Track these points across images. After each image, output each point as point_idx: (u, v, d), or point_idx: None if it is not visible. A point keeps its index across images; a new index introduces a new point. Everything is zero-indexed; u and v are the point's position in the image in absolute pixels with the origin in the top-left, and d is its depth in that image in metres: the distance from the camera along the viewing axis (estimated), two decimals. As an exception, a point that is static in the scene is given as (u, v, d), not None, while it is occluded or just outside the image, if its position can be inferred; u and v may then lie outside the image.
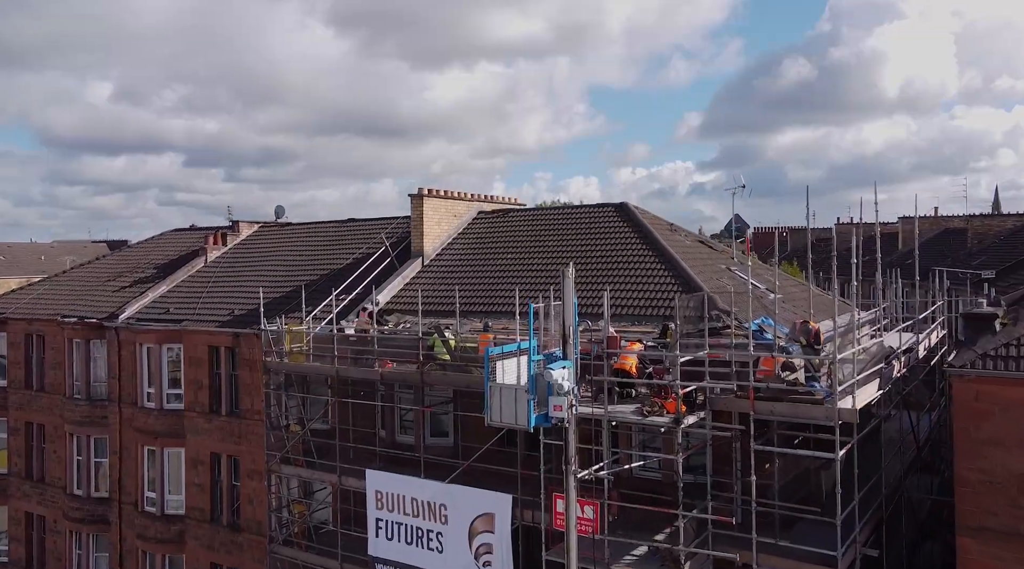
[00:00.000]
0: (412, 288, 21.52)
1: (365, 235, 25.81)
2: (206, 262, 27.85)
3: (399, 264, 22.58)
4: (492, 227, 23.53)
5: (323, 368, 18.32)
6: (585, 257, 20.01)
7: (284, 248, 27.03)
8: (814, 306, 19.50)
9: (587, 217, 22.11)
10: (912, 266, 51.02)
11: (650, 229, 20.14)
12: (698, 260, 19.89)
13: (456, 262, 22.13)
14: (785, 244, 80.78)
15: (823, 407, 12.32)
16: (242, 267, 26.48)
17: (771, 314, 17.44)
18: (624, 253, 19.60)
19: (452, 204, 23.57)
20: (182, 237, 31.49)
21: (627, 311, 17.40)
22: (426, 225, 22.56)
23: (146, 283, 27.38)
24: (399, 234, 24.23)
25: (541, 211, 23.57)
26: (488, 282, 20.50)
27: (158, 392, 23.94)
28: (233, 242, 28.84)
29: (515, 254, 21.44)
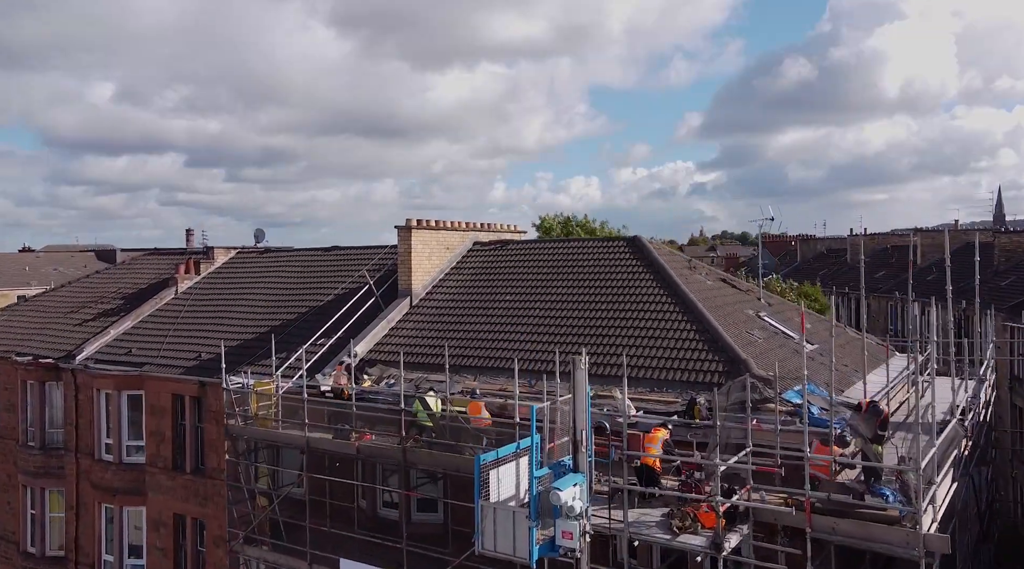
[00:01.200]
0: (398, 333, 19.10)
1: (349, 266, 23.39)
2: (176, 293, 25.43)
3: (384, 304, 20.16)
4: (489, 261, 21.10)
5: (292, 437, 15.87)
6: (594, 302, 17.58)
7: (260, 280, 24.59)
8: (842, 348, 17.09)
9: (595, 252, 19.68)
10: (933, 284, 48.59)
11: (668, 270, 17.69)
12: (723, 306, 17.46)
13: (448, 303, 19.70)
14: (795, 254, 78.29)
15: (902, 531, 9.83)
16: (213, 301, 24.04)
17: (810, 373, 15.04)
18: (639, 299, 17.16)
19: (444, 235, 21.14)
20: (155, 262, 29.08)
21: (644, 372, 14.96)
22: (415, 260, 20.13)
23: (110, 316, 24.97)
24: (387, 267, 21.81)
25: (543, 244, 21.18)
26: (484, 330, 18.05)
27: (117, 443, 21.51)
28: (207, 270, 26.40)
29: (514, 295, 19.00)
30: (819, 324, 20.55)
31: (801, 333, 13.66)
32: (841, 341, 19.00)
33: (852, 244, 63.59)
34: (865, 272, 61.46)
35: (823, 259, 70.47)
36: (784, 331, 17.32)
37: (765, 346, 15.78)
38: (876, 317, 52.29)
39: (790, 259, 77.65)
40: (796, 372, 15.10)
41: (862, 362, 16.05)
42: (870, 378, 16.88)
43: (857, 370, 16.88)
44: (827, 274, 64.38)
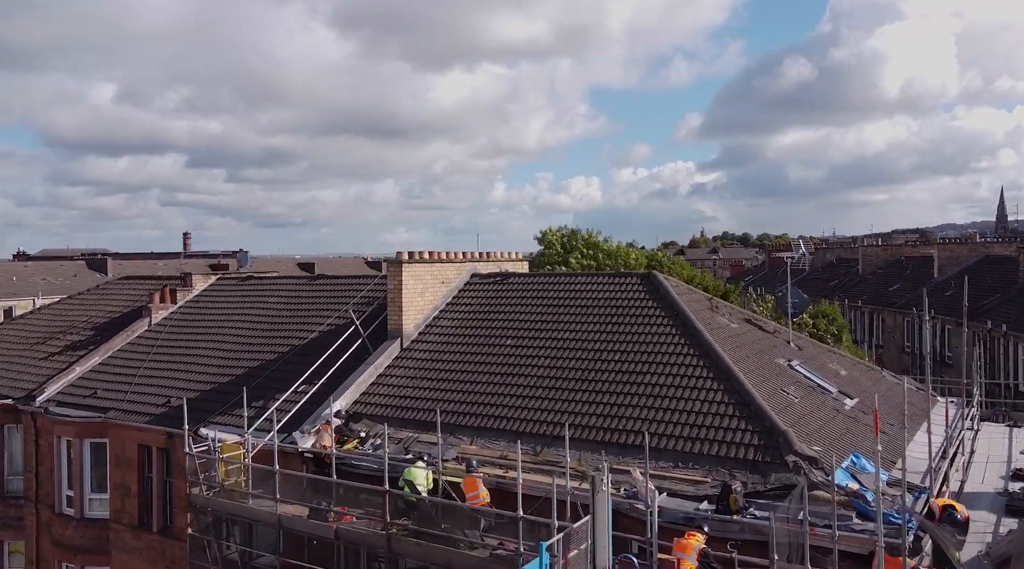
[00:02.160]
0: (387, 381, 17.16)
1: (335, 298, 21.47)
2: (150, 324, 23.47)
3: (372, 346, 18.22)
4: (488, 296, 19.14)
5: (259, 513, 13.91)
6: (605, 351, 15.63)
7: (239, 312, 22.64)
8: (884, 399, 15.14)
9: (605, 289, 17.73)
10: (952, 300, 46.48)
11: (688, 314, 15.73)
12: (751, 356, 15.51)
13: (442, 346, 17.74)
14: (803, 264, 76.29)
15: None
16: (187, 336, 22.08)
17: (857, 439, 13.13)
18: (657, 348, 15.20)
19: (439, 268, 19.20)
20: (131, 288, 27.13)
21: (666, 442, 13.00)
22: (406, 298, 18.18)
23: (77, 350, 23.03)
24: (377, 301, 19.87)
25: (547, 278, 19.22)
26: (481, 380, 16.09)
27: (79, 496, 19.59)
28: (184, 299, 24.45)
29: (516, 338, 17.04)
30: (856, 370, 18.54)
31: (849, 395, 11.71)
32: (881, 389, 17.05)
33: (864, 255, 61.62)
34: (878, 284, 59.26)
35: (833, 269, 68.46)
36: (821, 384, 15.37)
37: (803, 407, 13.83)
38: (891, 333, 50.31)
39: (799, 272, 75.69)
40: (840, 439, 13.17)
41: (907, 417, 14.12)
42: (919, 438, 14.95)
43: (905, 429, 14.94)
44: (838, 285, 62.33)
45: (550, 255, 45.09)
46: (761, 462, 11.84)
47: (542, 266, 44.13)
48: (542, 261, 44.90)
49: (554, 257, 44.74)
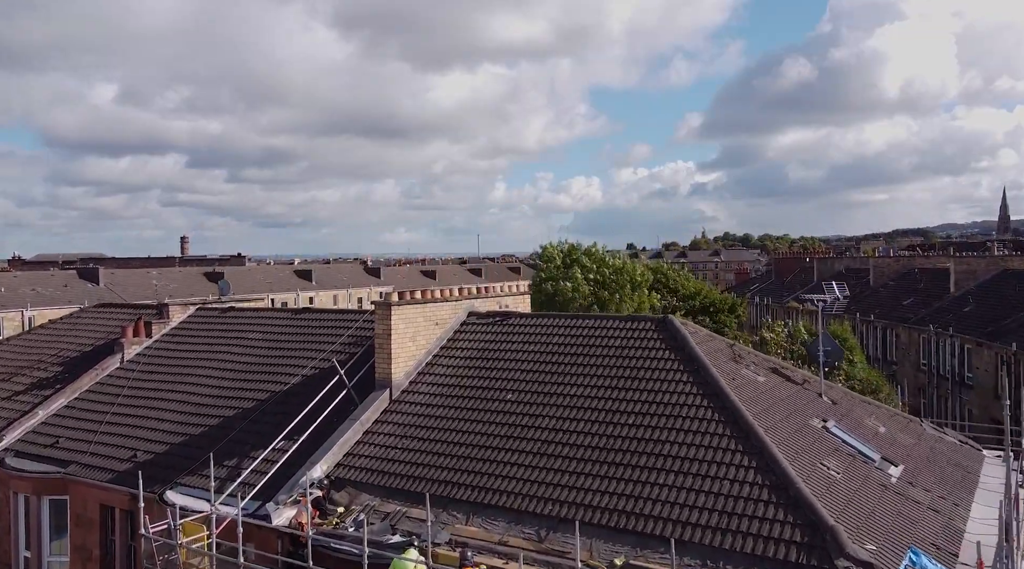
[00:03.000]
0: (374, 440, 15.41)
1: (322, 335, 19.75)
2: (122, 361, 21.73)
3: (359, 397, 16.48)
4: (487, 339, 17.38)
5: (225, 610, 12.20)
6: (617, 411, 13.89)
7: (217, 349, 20.87)
8: (928, 465, 13.39)
9: (617, 336, 15.97)
10: (971, 317, 44.58)
11: (710, 369, 13.98)
12: (783, 417, 13.76)
13: (436, 398, 15.99)
14: (810, 272, 74.43)
15: None
16: (160, 377, 20.32)
17: (913, 527, 11.38)
18: (677, 411, 13.45)
19: (433, 309, 17.44)
20: (106, 317, 25.36)
21: (691, 532, 11.23)
22: (395, 344, 16.42)
23: (43, 389, 21.28)
24: (366, 344, 18.14)
25: (551, 320, 17.44)
26: (479, 443, 14.35)
27: (37, 558, 17.84)
28: (160, 332, 22.70)
29: (518, 392, 15.29)
30: (894, 423, 16.74)
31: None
32: (923, 450, 15.29)
33: (875, 266, 59.82)
34: (891, 297, 57.28)
35: (841, 279, 66.65)
36: (862, 450, 13.61)
37: (847, 486, 12.07)
38: (906, 349, 48.49)
39: (806, 278, 73.91)
40: (892, 527, 11.41)
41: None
42: (976, 512, 13.20)
43: (958, 504, 13.18)
44: (848, 298, 60.58)
45: (550, 270, 43.36)
46: (807, 566, 10.08)
47: (543, 282, 42.42)
48: (543, 277, 43.18)
49: (555, 272, 43.00)
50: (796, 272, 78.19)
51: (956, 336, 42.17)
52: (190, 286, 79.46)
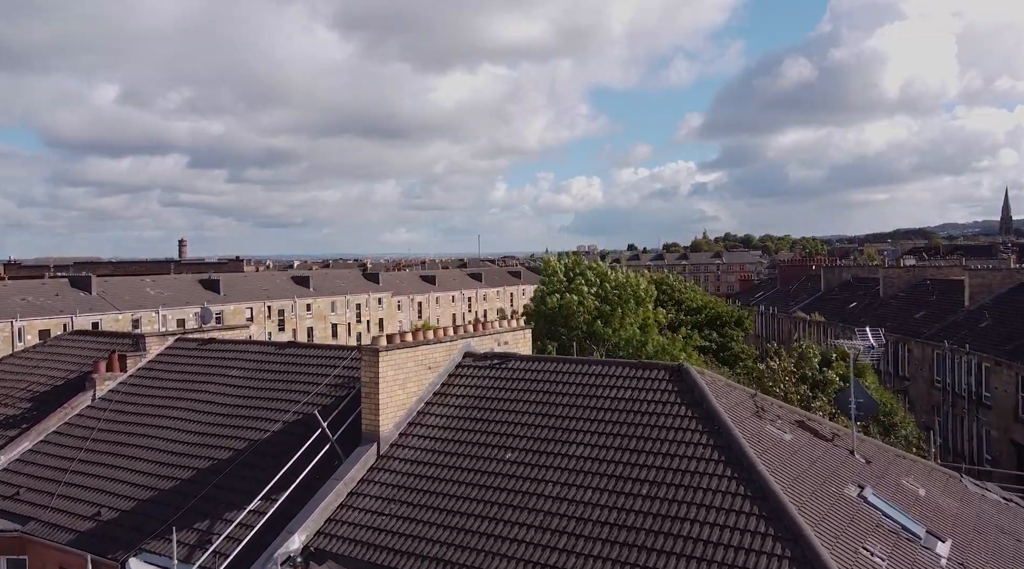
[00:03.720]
0: (358, 503, 13.93)
1: (306, 375, 18.31)
2: (94, 398, 20.29)
3: (344, 451, 15.02)
4: (484, 384, 15.91)
5: None
6: (628, 478, 12.42)
7: (194, 388, 19.40)
8: (979, 537, 11.86)
9: (627, 384, 14.50)
10: (988, 332, 42.99)
11: (731, 428, 12.51)
12: (815, 486, 12.28)
13: (428, 454, 14.51)
14: (817, 281, 72.87)
15: None
16: (131, 419, 18.87)
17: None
18: (697, 481, 11.98)
19: (425, 352, 15.96)
20: (81, 346, 23.91)
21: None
22: (383, 393, 14.95)
23: (8, 430, 19.83)
24: (354, 389, 16.70)
25: (554, 364, 15.95)
26: (475, 510, 12.87)
27: (-5, 623, 16.40)
28: (135, 366, 21.24)
29: (517, 450, 13.82)
30: (932, 481, 15.22)
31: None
32: (969, 516, 13.80)
33: (885, 276, 58.26)
34: (902, 309, 55.72)
35: (850, 289, 65.13)
36: (905, 525, 12.13)
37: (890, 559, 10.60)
38: (919, 365, 46.97)
39: (812, 286, 72.40)
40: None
41: None
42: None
43: None
44: (857, 308, 58.97)
45: (553, 283, 41.92)
46: None
47: (547, 295, 40.99)
48: (546, 291, 41.77)
49: (557, 285, 41.55)
50: (802, 280, 76.72)
51: (973, 353, 40.68)
52: (185, 294, 78.05)
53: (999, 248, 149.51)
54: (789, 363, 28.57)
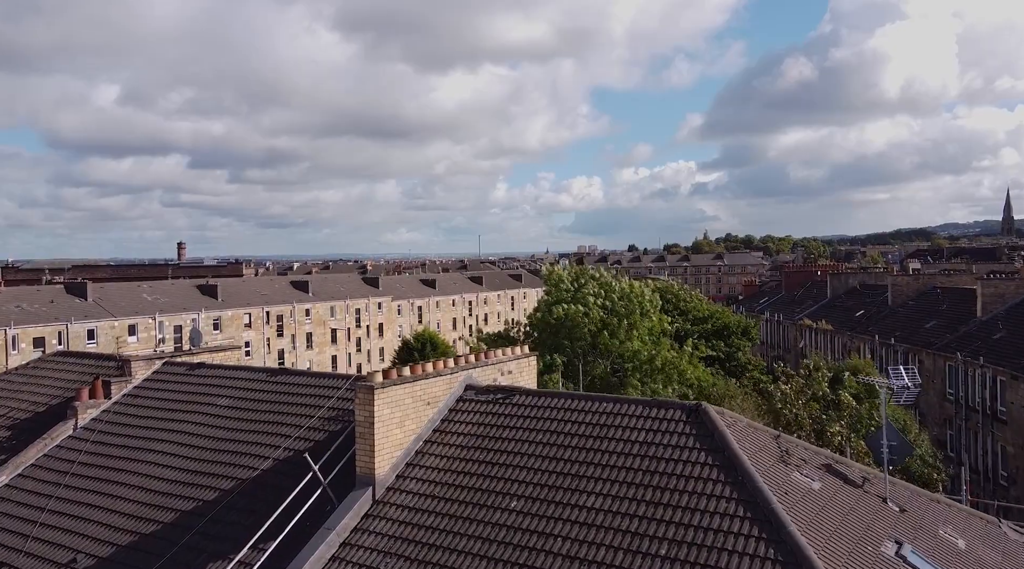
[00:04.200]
0: (351, 556, 12.91)
1: (299, 404, 17.29)
2: (75, 428, 19.26)
3: (337, 495, 13.99)
4: (487, 422, 14.88)
5: None
6: (644, 534, 11.39)
7: (180, 419, 18.37)
8: None
9: (640, 424, 13.48)
10: (1002, 345, 41.85)
11: (755, 478, 11.49)
12: (850, 544, 11.24)
13: (427, 500, 13.49)
14: (823, 287, 71.79)
15: None
16: (114, 452, 17.84)
17: None
18: (720, 540, 10.95)
19: (424, 387, 14.94)
20: (65, 368, 22.86)
21: None
22: (379, 433, 13.93)
23: (-15, 462, 18.80)
24: (349, 425, 15.68)
25: (564, 400, 14.93)
26: (478, 567, 11.85)
27: None
28: (120, 392, 20.23)
29: (524, 498, 12.80)
30: (970, 529, 14.17)
31: None
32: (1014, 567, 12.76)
33: (893, 284, 57.19)
34: (911, 318, 54.46)
35: (856, 296, 64.09)
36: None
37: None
38: (931, 376, 45.90)
39: (817, 293, 71.39)
40: None
41: None
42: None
43: None
44: (865, 317, 57.90)
45: (558, 293, 40.89)
46: None
47: (551, 306, 39.94)
48: (551, 301, 40.74)
49: (563, 294, 40.52)
50: (807, 286, 75.71)
51: (987, 366, 39.65)
52: (182, 300, 77.13)
53: (1003, 250, 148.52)
54: (799, 384, 27.48)
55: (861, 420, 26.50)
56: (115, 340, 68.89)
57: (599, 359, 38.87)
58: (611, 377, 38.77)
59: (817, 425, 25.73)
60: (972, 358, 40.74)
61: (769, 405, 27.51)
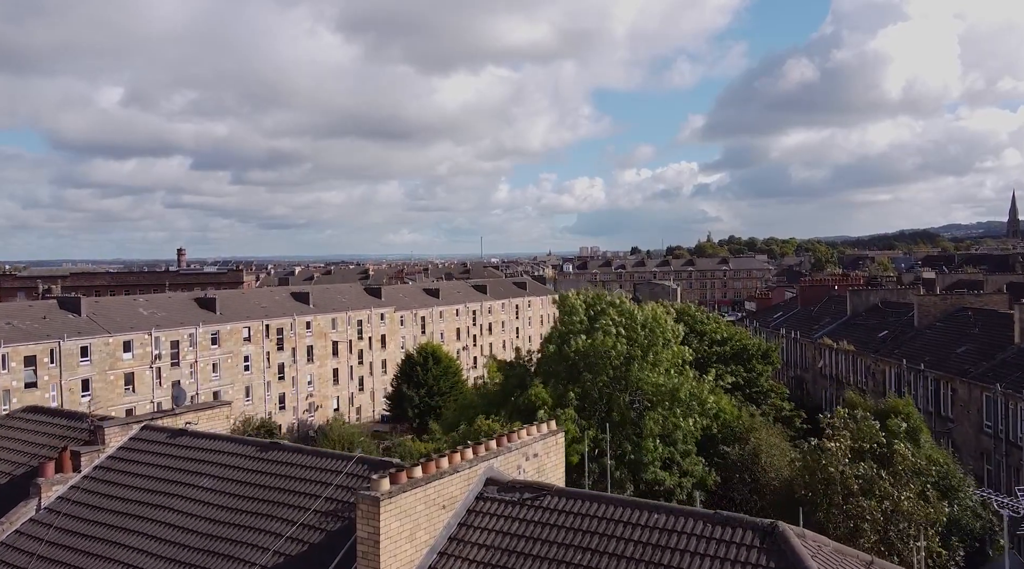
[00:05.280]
0: None
1: (293, 495, 14.98)
2: (39, 508, 16.96)
3: (334, 626, 11.67)
4: (513, 530, 12.55)
5: None
6: None
7: (155, 503, 16.05)
8: None
9: (702, 547, 11.14)
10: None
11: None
12: None
13: (443, 638, 11.17)
14: (842, 305, 69.21)
15: None
16: (78, 546, 15.52)
17: None
18: None
19: (438, 488, 12.61)
20: (36, 427, 20.57)
21: None
22: (385, 552, 11.60)
23: (-64, 549, 16.51)
24: (348, 519, 13.37)
25: (601, 506, 12.59)
26: None
27: None
28: (91, 465, 17.92)
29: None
30: None
31: None
32: None
33: (920, 304, 54.67)
34: (940, 342, 51.60)
35: (878, 314, 61.52)
36: None
37: None
38: (965, 406, 43.47)
39: (835, 309, 68.86)
40: None
41: None
42: None
43: None
44: (889, 338, 55.34)
45: (572, 323, 38.45)
46: None
47: (567, 337, 37.51)
48: (565, 331, 38.30)
49: (579, 326, 38.07)
50: (823, 301, 73.23)
51: (1030, 400, 37.23)
52: (179, 314, 74.86)
53: (1018, 259, 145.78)
54: (846, 441, 25.06)
55: (918, 475, 24.08)
56: (108, 357, 66.69)
57: (618, 392, 36.52)
58: (630, 410, 36.44)
59: (866, 484, 23.38)
60: (1014, 390, 38.32)
61: (814, 465, 25.10)
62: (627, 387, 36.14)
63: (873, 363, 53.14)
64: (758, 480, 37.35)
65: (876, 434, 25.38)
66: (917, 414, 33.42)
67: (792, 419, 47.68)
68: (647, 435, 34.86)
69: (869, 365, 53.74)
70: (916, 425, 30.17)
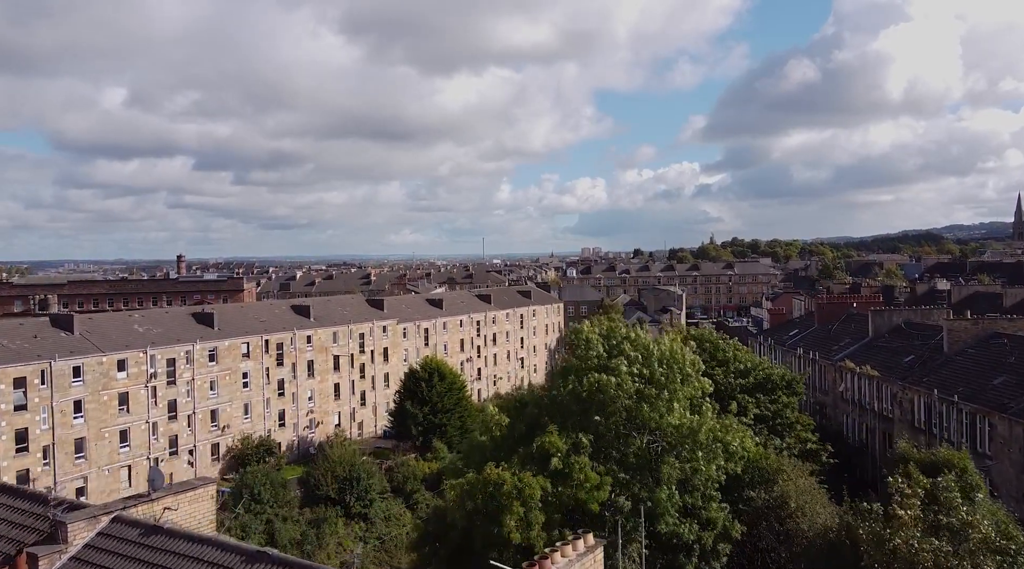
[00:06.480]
0: None
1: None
2: (-12, 626, 14.56)
3: None
4: None
5: None
6: None
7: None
8: None
9: None
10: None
11: None
12: None
13: None
14: (862, 324, 66.60)
15: None
16: None
17: None
18: None
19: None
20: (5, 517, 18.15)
21: None
22: None
23: None
24: None
25: None
26: None
27: None
28: (53, 566, 15.48)
29: None
30: None
31: None
32: None
33: (950, 330, 52.05)
34: (974, 372, 48.43)
35: (902, 336, 58.88)
36: None
37: None
38: (1006, 444, 40.92)
39: (856, 329, 66.28)
40: None
41: None
42: None
43: None
44: (916, 364, 52.78)
45: (588, 359, 35.90)
46: None
47: (580, 375, 35.04)
48: (579, 368, 35.80)
49: (594, 360, 35.51)
50: (841, 319, 70.72)
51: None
52: (176, 331, 72.51)
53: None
54: (916, 508, 22.49)
55: (995, 553, 21.53)
56: (101, 377, 64.33)
57: (634, 434, 34.06)
58: (647, 453, 33.99)
59: (939, 563, 20.83)
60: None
61: (879, 537, 22.48)
62: (643, 428, 33.72)
63: (900, 391, 50.63)
64: (787, 528, 34.90)
65: (958, 510, 22.72)
66: (974, 470, 30.78)
67: (818, 453, 45.26)
68: (664, 481, 32.46)
69: (896, 392, 51.24)
70: (974, 482, 27.59)
